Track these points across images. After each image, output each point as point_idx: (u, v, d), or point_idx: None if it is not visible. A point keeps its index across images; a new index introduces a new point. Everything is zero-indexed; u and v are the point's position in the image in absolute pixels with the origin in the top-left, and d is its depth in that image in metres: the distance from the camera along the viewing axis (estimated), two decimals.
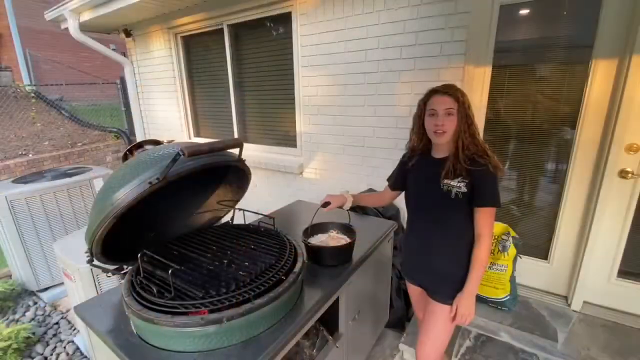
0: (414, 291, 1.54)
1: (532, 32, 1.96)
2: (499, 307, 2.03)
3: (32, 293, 2.86)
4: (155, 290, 1.03)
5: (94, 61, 9.31)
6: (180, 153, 1.00)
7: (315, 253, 1.44)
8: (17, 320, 2.52)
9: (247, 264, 1.18)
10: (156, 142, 1.40)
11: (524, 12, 1.92)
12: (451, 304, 1.29)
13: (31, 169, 5.31)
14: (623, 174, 1.77)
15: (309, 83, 2.58)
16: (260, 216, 1.58)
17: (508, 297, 1.99)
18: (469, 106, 1.23)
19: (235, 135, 3.36)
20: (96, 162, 6.14)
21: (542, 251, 2.16)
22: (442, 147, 1.30)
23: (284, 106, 2.92)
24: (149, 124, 4.19)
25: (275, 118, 3.07)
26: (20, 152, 5.61)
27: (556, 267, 2.11)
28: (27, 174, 3.20)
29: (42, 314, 2.62)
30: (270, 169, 2.99)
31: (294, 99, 2.76)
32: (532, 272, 2.17)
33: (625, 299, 1.94)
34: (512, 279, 1.99)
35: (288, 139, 2.99)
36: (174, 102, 3.73)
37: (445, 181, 1.24)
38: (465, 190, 1.20)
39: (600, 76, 1.76)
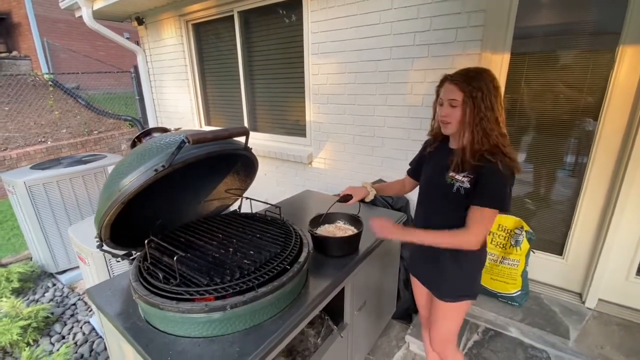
0: (417, 285, 1.51)
1: (555, 17, 1.85)
2: (509, 302, 1.99)
3: (51, 275, 2.98)
4: (161, 276, 1.05)
5: (109, 50, 9.43)
6: (185, 140, 1.00)
7: (321, 243, 1.43)
8: (37, 301, 2.63)
9: (252, 252, 1.18)
10: (164, 130, 1.41)
11: None
12: (451, 301, 1.27)
13: (50, 156, 5.47)
14: None
15: (319, 71, 2.53)
16: (268, 205, 1.58)
17: (519, 293, 1.95)
18: (486, 95, 1.06)
19: (245, 124, 3.35)
20: (111, 150, 6.28)
21: (556, 246, 2.10)
22: (454, 138, 1.22)
23: (293, 95, 2.88)
24: (161, 112, 4.22)
25: (284, 107, 3.04)
26: (39, 140, 5.79)
27: (571, 263, 2.05)
28: (45, 160, 3.29)
29: (61, 295, 2.72)
30: (280, 158, 2.99)
31: (303, 87, 2.72)
32: (545, 268, 2.12)
33: None
34: (524, 274, 1.94)
35: (297, 128, 2.96)
36: (185, 91, 3.74)
37: (451, 174, 1.16)
38: (468, 186, 1.11)
39: (627, 64, 1.66)
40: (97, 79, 7.97)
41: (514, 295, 1.95)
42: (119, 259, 1.26)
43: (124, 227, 1.20)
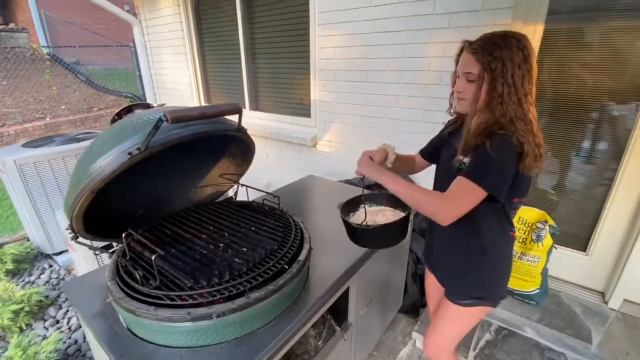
0: (429, 278, 1.37)
1: None
2: (526, 300, 1.85)
3: (47, 256, 2.90)
4: (139, 276, 0.91)
5: (109, 23, 9.10)
6: (163, 119, 0.83)
7: (376, 234, 1.08)
8: (33, 282, 2.57)
9: (245, 249, 1.04)
10: (147, 106, 1.23)
11: None
12: (459, 303, 1.10)
13: (49, 133, 5.35)
14: None
15: (326, 44, 2.31)
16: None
17: (537, 291, 1.80)
18: (507, 68, 0.85)
19: (246, 102, 3.16)
20: None
21: (580, 241, 1.93)
22: (473, 119, 0.99)
23: (298, 71, 2.66)
24: (159, 88, 4.03)
25: (288, 84, 2.83)
26: (38, 116, 5.65)
27: (595, 259, 1.89)
28: (38, 138, 3.15)
29: (57, 277, 2.65)
30: (282, 139, 2.81)
31: (308, 62, 2.50)
32: (565, 264, 1.96)
33: None
34: (544, 272, 1.79)
35: (301, 108, 2.76)
36: (184, 66, 3.53)
37: (459, 157, 0.98)
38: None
39: None
40: (97, 53, 7.71)
41: (531, 293, 1.81)
42: (98, 251, 1.12)
43: (102, 216, 1.06)
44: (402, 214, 1.14)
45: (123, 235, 0.99)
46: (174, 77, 3.73)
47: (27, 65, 6.23)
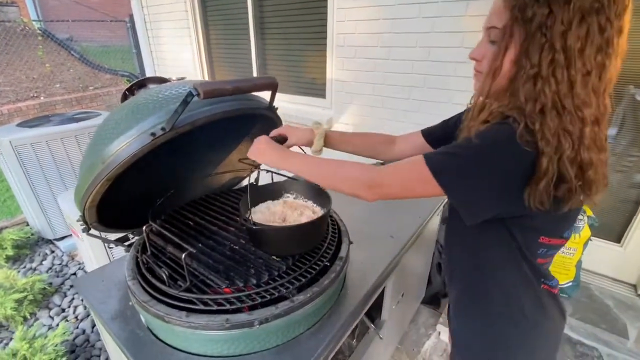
0: None
1: None
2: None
3: (49, 241, 2.79)
4: (165, 276, 0.79)
5: None
6: (194, 92, 0.69)
7: (261, 237, 0.87)
8: (34, 269, 2.46)
9: None
10: (162, 80, 1.09)
11: None
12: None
13: (44, 112, 5.12)
14: None
15: (346, 17, 2.12)
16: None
17: (570, 284, 1.72)
18: (552, 19, 0.50)
19: None
20: (109, 108, 5.90)
21: (614, 232, 1.84)
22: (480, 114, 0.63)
23: (312, 47, 2.48)
24: (159, 66, 3.81)
25: (301, 62, 2.64)
26: (31, 95, 5.40)
27: (630, 252, 1.80)
28: (33, 117, 2.97)
29: (60, 264, 2.55)
30: (294, 122, 2.65)
31: (325, 37, 2.31)
32: (597, 256, 1.88)
33: None
34: (579, 265, 1.70)
35: (316, 88, 2.59)
36: (187, 42, 3.31)
37: None
38: None
39: None
40: (91, 29, 7.35)
41: (564, 286, 1.73)
42: (112, 244, 1.01)
43: (116, 205, 0.93)
44: (321, 211, 0.93)
45: (144, 228, 0.87)
46: (176, 54, 3.52)
47: (18, 40, 5.91)
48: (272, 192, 1.04)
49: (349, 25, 2.12)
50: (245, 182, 1.46)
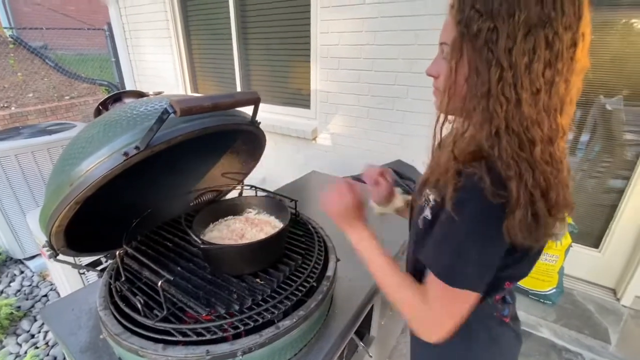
0: None
1: None
2: (542, 300, 1.80)
3: (18, 261, 2.63)
4: (140, 304, 0.74)
5: (80, 4, 8.43)
6: (170, 110, 0.65)
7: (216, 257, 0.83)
8: (1, 292, 2.30)
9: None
10: (140, 95, 1.04)
11: None
12: None
13: (15, 123, 4.89)
14: None
15: (329, 29, 2.13)
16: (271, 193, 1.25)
17: (554, 290, 1.75)
18: (498, 34, 0.47)
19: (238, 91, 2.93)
20: (86, 118, 5.70)
21: (593, 238, 1.89)
22: (441, 127, 0.61)
23: (296, 58, 2.47)
24: (139, 76, 3.71)
25: (285, 72, 2.63)
26: (1, 105, 5.15)
27: (608, 257, 1.85)
28: (3, 130, 2.82)
29: (29, 285, 2.40)
30: (279, 132, 2.62)
31: (309, 49, 2.31)
32: (578, 261, 1.92)
33: None
34: (561, 271, 1.73)
35: (300, 98, 2.58)
36: (168, 51, 3.24)
37: (427, 190, 0.62)
38: (429, 217, 0.61)
39: None
40: (67, 37, 7.12)
41: (548, 293, 1.75)
42: (83, 269, 0.94)
43: (86, 227, 0.87)
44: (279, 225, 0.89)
45: (117, 252, 0.81)
46: (156, 64, 3.44)
47: None
48: (234, 207, 1.02)
49: (333, 36, 2.13)
50: (229, 196, 1.42)
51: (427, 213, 0.61)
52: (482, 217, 0.51)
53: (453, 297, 0.55)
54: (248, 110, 0.94)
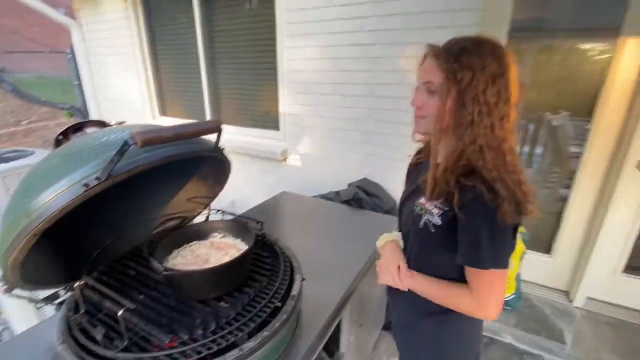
0: None
1: (554, 8, 1.74)
2: (503, 306, 1.90)
3: None
4: (100, 336, 0.73)
5: (42, 26, 8.18)
6: (130, 142, 0.68)
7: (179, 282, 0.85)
8: None
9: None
10: (102, 124, 1.06)
11: None
12: None
13: None
14: None
15: (295, 55, 2.24)
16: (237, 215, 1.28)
17: (513, 296, 1.84)
18: (478, 81, 0.67)
19: (207, 114, 2.96)
20: (46, 143, 5.44)
21: (544, 244, 2.05)
22: (437, 145, 0.78)
23: (265, 82, 2.55)
24: (103, 99, 3.65)
25: (254, 96, 2.70)
26: None
27: (559, 261, 2.01)
28: None
29: None
30: (249, 154, 2.66)
31: (276, 74, 2.41)
32: (532, 267, 2.07)
33: (630, 295, 1.87)
34: (518, 277, 1.85)
35: (269, 121, 2.64)
36: (134, 75, 3.23)
37: (421, 201, 0.80)
38: (439, 222, 0.76)
39: (628, 57, 1.58)
40: (27, 60, 6.86)
41: (508, 299, 1.85)
42: (40, 304, 0.91)
43: (44, 257, 0.86)
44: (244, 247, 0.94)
45: (75, 285, 0.80)
46: (122, 88, 3.40)
47: None
48: (199, 232, 1.04)
49: (298, 63, 2.24)
50: (195, 221, 1.42)
51: (436, 220, 0.76)
52: (493, 215, 0.68)
53: (500, 280, 0.74)
54: (213, 136, 0.98)
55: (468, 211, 0.70)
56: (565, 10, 1.71)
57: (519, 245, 1.80)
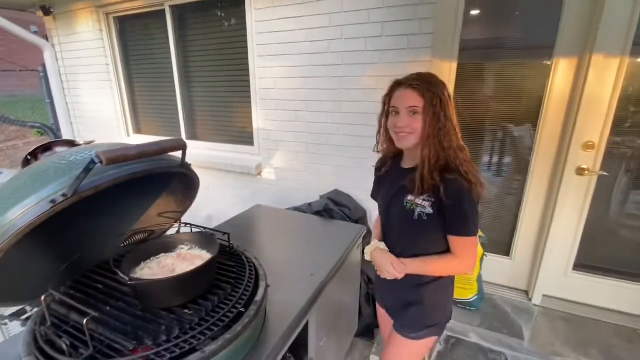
0: (381, 311, 1.38)
1: (498, 29, 1.93)
2: (467, 307, 2.01)
3: None
4: (65, 346, 0.76)
5: (12, 44, 8.00)
6: (96, 160, 0.74)
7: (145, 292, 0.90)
8: None
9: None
10: (71, 144, 1.09)
11: (489, 8, 1.88)
12: (412, 337, 1.16)
13: None
14: (580, 171, 1.82)
15: (266, 75, 2.34)
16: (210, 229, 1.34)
17: (476, 297, 1.97)
18: (444, 104, 0.97)
19: (183, 132, 3.00)
20: (14, 164, 5.27)
21: (504, 247, 2.19)
22: (411, 154, 1.09)
23: (238, 100, 2.64)
24: (77, 118, 3.62)
25: (228, 113, 2.78)
26: None
27: (518, 262, 2.15)
28: None
29: None
30: (224, 169, 2.71)
31: (249, 91, 2.50)
32: (495, 269, 2.19)
33: (580, 290, 2.02)
34: (479, 279, 1.97)
35: (244, 137, 2.72)
36: (108, 93, 3.24)
37: (409, 198, 1.04)
38: (431, 211, 1.00)
39: (561, 75, 1.77)
40: None
41: (471, 300, 1.97)
42: (6, 320, 0.93)
43: (10, 274, 0.88)
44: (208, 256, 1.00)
45: (42, 298, 0.83)
46: (96, 106, 3.39)
47: None
48: (166, 245, 1.09)
49: (269, 81, 2.34)
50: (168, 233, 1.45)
51: (429, 210, 1.00)
52: (470, 197, 0.96)
53: (474, 244, 1.03)
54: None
55: (454, 197, 0.95)
56: (513, 31, 1.90)
57: (479, 249, 1.93)
